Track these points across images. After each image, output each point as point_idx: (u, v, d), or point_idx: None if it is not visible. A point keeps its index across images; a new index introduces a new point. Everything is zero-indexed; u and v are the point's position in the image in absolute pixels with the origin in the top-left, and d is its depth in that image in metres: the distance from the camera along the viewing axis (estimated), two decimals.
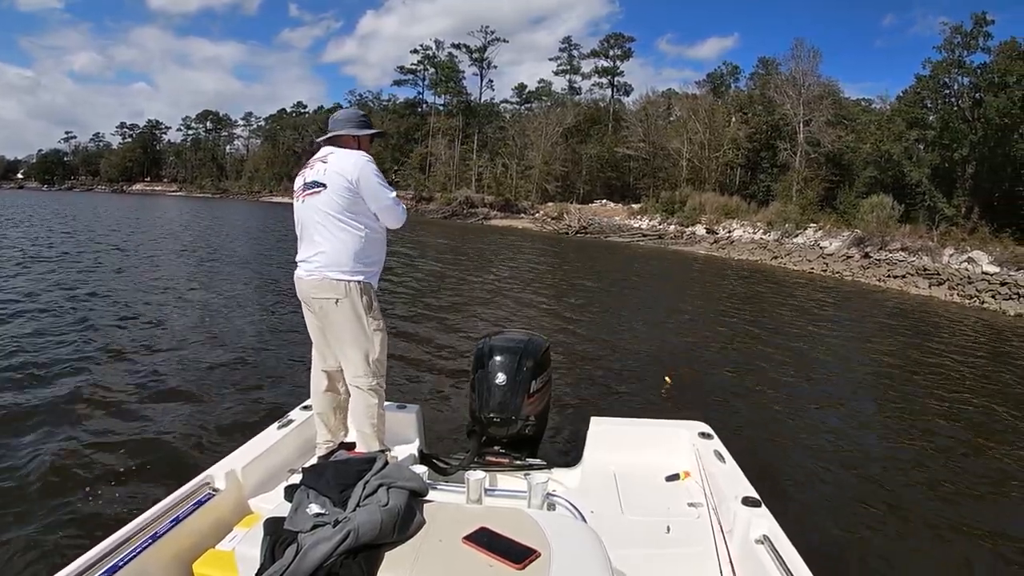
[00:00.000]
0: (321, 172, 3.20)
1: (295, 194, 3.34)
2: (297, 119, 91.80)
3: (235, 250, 22.37)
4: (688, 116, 48.43)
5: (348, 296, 3.20)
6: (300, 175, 3.34)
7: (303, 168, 3.37)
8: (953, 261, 23.34)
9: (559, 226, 44.72)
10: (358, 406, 3.33)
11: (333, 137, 3.36)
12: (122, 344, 8.24)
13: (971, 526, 4.81)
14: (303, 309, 3.42)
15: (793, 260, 28.74)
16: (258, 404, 6.27)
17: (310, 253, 3.25)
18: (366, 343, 3.28)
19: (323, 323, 3.31)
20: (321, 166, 3.22)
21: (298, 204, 3.30)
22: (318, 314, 3.29)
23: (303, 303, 3.38)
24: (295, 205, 3.34)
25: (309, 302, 3.30)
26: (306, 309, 3.38)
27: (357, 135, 3.40)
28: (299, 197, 3.29)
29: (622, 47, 69.38)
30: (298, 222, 3.32)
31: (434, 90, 75.63)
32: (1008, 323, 17.23)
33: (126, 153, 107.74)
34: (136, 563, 2.25)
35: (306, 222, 3.26)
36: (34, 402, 5.98)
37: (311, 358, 3.52)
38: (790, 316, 15.20)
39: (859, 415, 7.60)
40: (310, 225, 3.24)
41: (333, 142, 3.36)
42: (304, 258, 3.29)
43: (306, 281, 3.26)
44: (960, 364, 10.88)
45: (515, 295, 15.28)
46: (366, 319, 3.26)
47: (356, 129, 3.39)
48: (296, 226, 3.34)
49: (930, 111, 35.70)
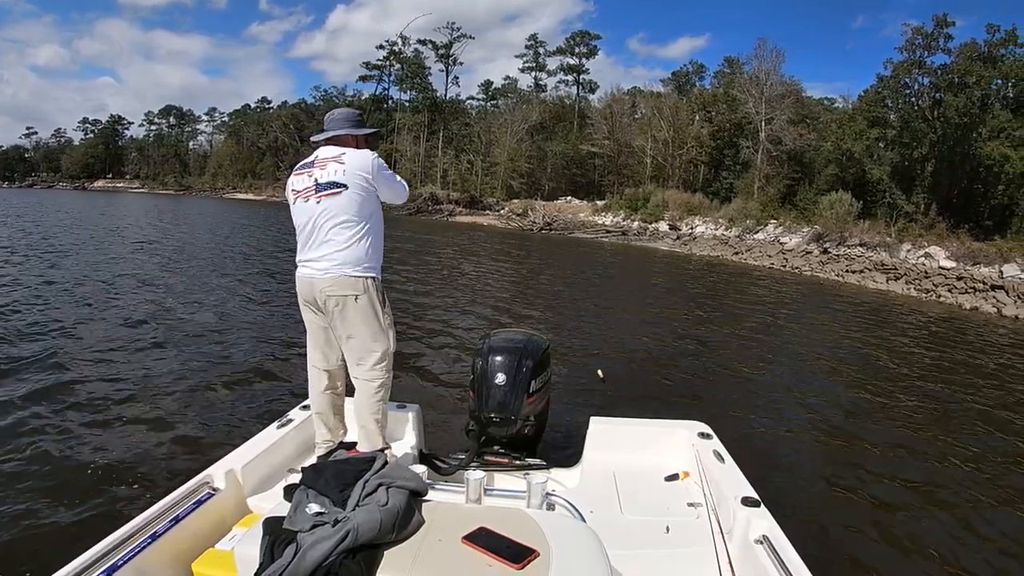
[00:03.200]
0: (339, 173, 3.23)
1: (299, 193, 3.32)
2: (261, 114, 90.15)
3: (223, 250, 21.96)
4: (653, 114, 48.67)
5: (367, 292, 3.27)
6: (305, 174, 3.32)
7: (307, 167, 3.33)
8: (910, 256, 23.35)
9: (524, 223, 44.55)
10: (366, 401, 3.34)
11: (332, 137, 3.40)
12: (120, 343, 8.28)
13: (971, 526, 4.82)
14: (303, 309, 3.43)
15: (754, 256, 28.89)
16: (257, 404, 6.35)
17: (325, 252, 3.25)
18: (382, 337, 3.34)
19: (334, 321, 3.31)
20: (337, 166, 3.24)
21: (306, 204, 3.28)
22: (331, 312, 3.28)
23: (305, 304, 3.38)
24: (300, 205, 3.31)
25: (320, 301, 3.28)
26: (308, 309, 3.39)
27: (356, 134, 3.46)
28: (309, 197, 3.27)
29: (588, 45, 69.37)
30: (307, 221, 3.29)
31: (400, 86, 74.77)
32: (966, 315, 17.37)
33: (88, 149, 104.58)
34: (135, 562, 2.25)
35: (319, 221, 3.25)
36: (30, 401, 5.99)
37: (310, 358, 3.50)
38: (750, 309, 15.24)
39: (856, 414, 7.53)
40: (325, 225, 3.24)
41: (333, 141, 3.40)
42: (316, 257, 3.27)
43: (320, 280, 3.25)
44: (942, 359, 10.93)
45: (480, 293, 15.12)
46: (382, 313, 3.33)
47: (355, 128, 3.45)
48: (302, 226, 3.32)
49: (891, 110, 36.04)
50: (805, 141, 40.00)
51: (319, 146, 3.41)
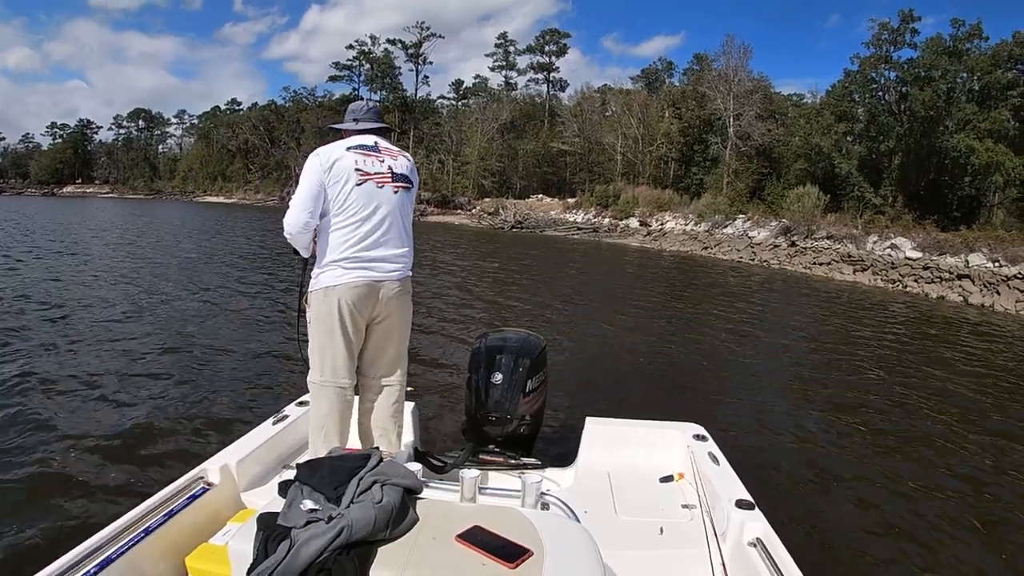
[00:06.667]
0: (407, 168, 3.11)
1: (369, 176, 2.96)
2: (231, 116, 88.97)
3: (209, 251, 21.92)
4: (623, 111, 48.41)
5: (410, 292, 3.16)
6: (374, 157, 3.00)
7: (372, 151, 3.02)
8: (877, 248, 23.25)
9: (495, 221, 44.34)
10: (392, 406, 3.21)
11: (380, 129, 3.20)
12: (115, 340, 8.39)
13: (972, 525, 4.77)
14: (347, 319, 2.96)
15: (723, 250, 28.94)
16: (252, 399, 6.36)
17: (396, 251, 3.03)
18: (408, 337, 3.26)
19: (382, 326, 3.09)
20: (405, 161, 3.12)
21: (381, 191, 2.97)
22: (385, 317, 3.06)
23: (355, 311, 2.96)
24: (371, 189, 2.95)
25: (381, 305, 3.02)
26: (356, 317, 2.98)
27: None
28: (384, 184, 2.99)
29: (558, 43, 68.95)
30: (379, 210, 2.97)
31: (370, 86, 73.87)
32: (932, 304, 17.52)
33: (56, 154, 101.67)
34: (128, 556, 2.22)
35: (396, 215, 3.02)
36: (23, 395, 6.06)
37: (335, 374, 3.05)
38: (727, 305, 15.27)
39: (847, 414, 7.39)
40: (399, 220, 3.04)
41: (378, 133, 3.17)
42: (386, 256, 2.99)
43: (388, 283, 3.01)
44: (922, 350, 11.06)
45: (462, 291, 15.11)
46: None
47: None
48: (369, 215, 2.95)
49: (858, 105, 36.24)
50: (773, 136, 40.13)
51: (351, 134, 3.11)
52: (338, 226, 2.93)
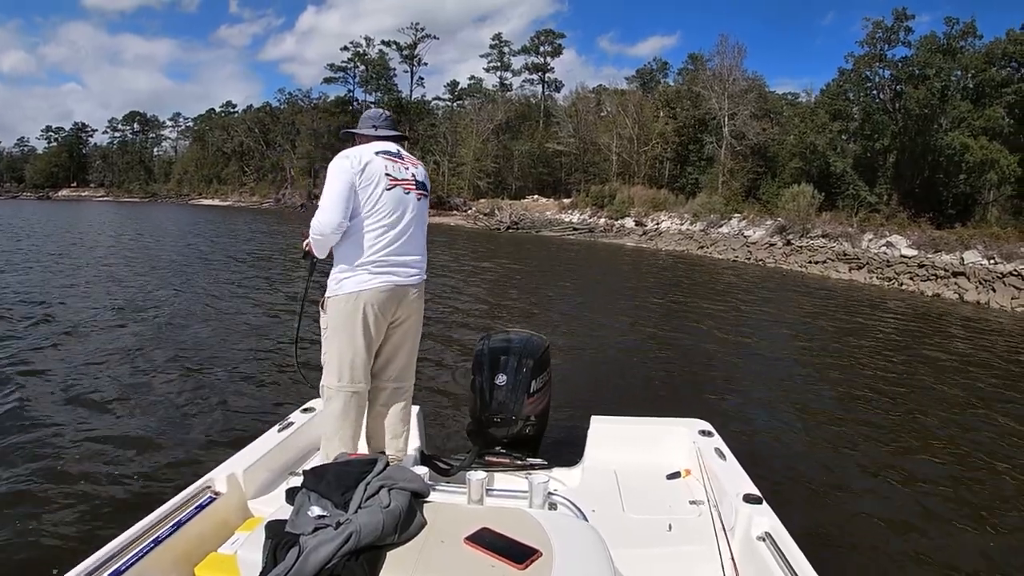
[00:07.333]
0: (425, 177, 3.19)
1: (398, 182, 3.03)
2: (226, 119, 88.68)
3: (206, 255, 21.93)
4: (617, 111, 48.43)
5: (423, 296, 3.21)
6: (400, 164, 3.07)
7: (397, 157, 3.09)
8: (872, 246, 23.28)
9: (491, 222, 44.06)
10: (401, 409, 3.26)
11: (397, 137, 3.24)
12: (120, 349, 8.32)
13: (974, 520, 4.73)
14: (371, 322, 3.00)
15: (719, 249, 28.87)
16: (258, 407, 6.36)
17: (416, 256, 3.11)
18: (419, 340, 3.31)
19: (399, 328, 3.14)
20: (423, 171, 3.20)
21: (407, 196, 3.06)
22: (404, 320, 3.13)
23: (379, 314, 3.01)
24: (399, 195, 3.03)
25: (403, 308, 3.09)
26: (378, 320, 3.02)
27: None
28: (410, 190, 3.08)
29: (553, 44, 68.85)
30: (404, 216, 3.04)
31: (365, 88, 73.67)
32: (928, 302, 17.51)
33: (51, 158, 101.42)
34: (138, 568, 2.22)
35: (417, 221, 3.11)
36: (27, 406, 6.03)
37: (352, 379, 3.07)
38: (725, 303, 15.33)
39: (852, 407, 7.49)
40: (419, 226, 3.13)
41: (395, 141, 3.20)
42: (408, 262, 3.07)
43: (409, 287, 3.08)
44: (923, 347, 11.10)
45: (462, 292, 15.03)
46: None
47: None
48: (395, 220, 3.01)
49: (853, 103, 36.25)
50: (768, 135, 40.09)
51: (366, 140, 3.17)
52: (369, 229, 2.95)
